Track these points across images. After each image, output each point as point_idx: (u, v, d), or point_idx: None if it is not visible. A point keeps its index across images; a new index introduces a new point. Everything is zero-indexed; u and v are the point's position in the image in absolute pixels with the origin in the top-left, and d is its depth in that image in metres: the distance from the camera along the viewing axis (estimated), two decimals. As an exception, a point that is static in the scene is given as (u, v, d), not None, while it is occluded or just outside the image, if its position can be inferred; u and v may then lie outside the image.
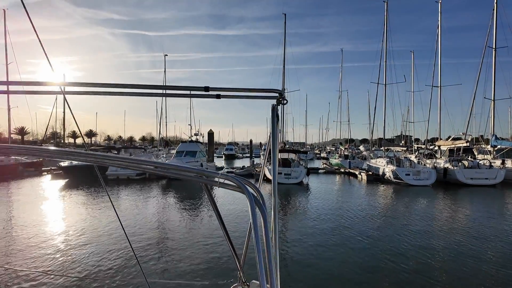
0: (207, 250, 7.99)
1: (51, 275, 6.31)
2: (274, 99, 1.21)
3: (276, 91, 1.22)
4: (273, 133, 1.13)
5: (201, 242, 8.61)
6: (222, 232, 1.47)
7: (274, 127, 1.15)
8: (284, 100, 1.24)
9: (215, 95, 1.21)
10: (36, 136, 62.74)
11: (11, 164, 26.21)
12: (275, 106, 1.18)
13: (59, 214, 12.43)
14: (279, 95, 1.23)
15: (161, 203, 14.90)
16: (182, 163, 21.44)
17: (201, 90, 1.15)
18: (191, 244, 8.50)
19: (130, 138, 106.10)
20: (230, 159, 54.46)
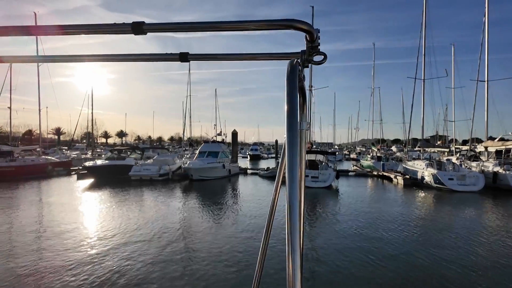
0: (229, 253, 7.64)
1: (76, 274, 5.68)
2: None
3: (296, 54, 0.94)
4: (292, 120, 0.70)
5: (224, 245, 8.13)
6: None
7: (294, 103, 0.72)
8: (311, 62, 0.92)
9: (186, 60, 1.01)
10: (72, 136, 65.44)
11: (41, 164, 26.93)
12: (296, 67, 0.79)
13: (85, 213, 12.36)
14: (304, 54, 0.91)
15: (184, 204, 14.43)
16: (204, 164, 21.01)
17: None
18: (214, 246, 8.07)
19: (159, 138, 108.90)
20: (255, 160, 53.56)
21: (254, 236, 9.30)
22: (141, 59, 1.00)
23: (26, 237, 9.16)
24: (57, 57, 0.99)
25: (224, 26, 0.87)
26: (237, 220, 11.35)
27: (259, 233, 9.45)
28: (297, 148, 0.66)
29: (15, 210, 13.04)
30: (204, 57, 1.06)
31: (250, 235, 9.39)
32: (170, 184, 21.38)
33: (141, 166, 24.52)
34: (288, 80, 0.78)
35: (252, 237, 9.16)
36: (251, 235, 9.42)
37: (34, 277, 6.32)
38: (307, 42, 0.88)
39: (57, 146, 50.49)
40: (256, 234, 9.43)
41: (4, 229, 10.11)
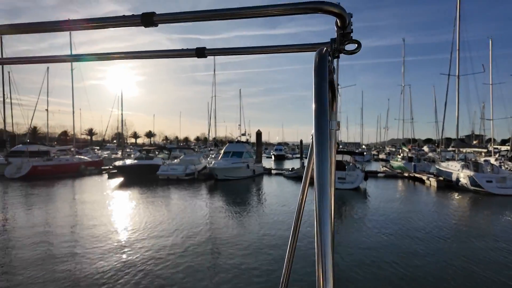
0: (255, 254, 7.58)
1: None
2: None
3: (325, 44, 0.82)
4: (322, 118, 0.63)
5: (248, 246, 8.06)
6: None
7: (324, 99, 0.64)
8: (342, 51, 0.81)
9: (203, 55, 0.96)
10: (103, 136, 68.45)
11: (75, 163, 28.33)
12: (325, 57, 0.70)
13: (114, 211, 12.79)
14: (334, 43, 0.80)
15: (209, 203, 14.54)
16: (229, 164, 21.09)
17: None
18: (239, 246, 8.02)
19: (185, 138, 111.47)
20: (280, 160, 53.22)
21: (278, 237, 9.15)
22: (156, 55, 0.96)
23: (62, 231, 9.64)
24: (82, 55, 0.98)
25: (243, 12, 0.79)
26: (262, 221, 11.23)
27: (284, 235, 9.28)
28: (326, 150, 0.58)
29: (52, 207, 13.74)
30: (223, 51, 0.99)
31: (275, 236, 9.25)
32: (196, 184, 21.69)
33: (168, 166, 25.08)
34: (317, 72, 0.68)
35: (277, 239, 9.02)
36: (276, 236, 9.29)
37: (69, 267, 6.65)
38: (337, 29, 0.76)
39: (90, 146, 53.08)
40: (280, 235, 9.28)
41: (42, 224, 10.67)
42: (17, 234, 9.52)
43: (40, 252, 7.85)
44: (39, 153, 27.04)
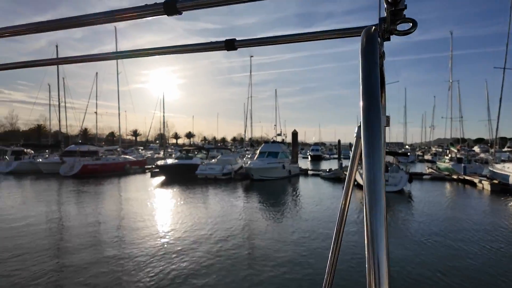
0: (291, 256, 7.42)
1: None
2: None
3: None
4: (372, 111, 0.53)
5: (285, 247, 7.92)
6: None
7: (374, 87, 0.54)
8: (394, 32, 0.67)
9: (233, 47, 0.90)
10: (146, 137, 72.14)
11: (120, 162, 30.19)
12: (375, 37, 0.60)
13: (156, 208, 13.44)
14: (384, 22, 0.67)
15: (246, 203, 14.64)
16: (264, 164, 21.08)
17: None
18: (276, 247, 7.90)
19: (222, 138, 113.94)
20: (316, 161, 52.27)
21: (315, 239, 8.96)
22: (185, 50, 0.93)
23: (108, 224, 10.33)
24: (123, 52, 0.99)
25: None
26: (298, 222, 11.07)
27: (320, 237, 9.06)
28: (380, 149, 0.50)
29: (100, 202, 14.75)
30: (254, 42, 0.91)
31: (311, 238, 9.06)
32: (232, 183, 22.03)
33: (206, 165, 25.77)
34: (365, 56, 0.57)
35: (314, 241, 8.82)
36: (312, 238, 9.09)
37: (114, 253, 7.17)
38: (387, 5, 0.65)
39: (134, 147, 56.29)
40: (316, 238, 9.08)
41: (92, 219, 11.48)
42: (71, 224, 10.37)
43: (90, 240, 8.61)
44: (89, 153, 29.21)
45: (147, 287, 5.94)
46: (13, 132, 69.53)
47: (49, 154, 32.72)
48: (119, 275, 6.52)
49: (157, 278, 6.32)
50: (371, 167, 0.49)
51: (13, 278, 6.23)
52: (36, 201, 15.28)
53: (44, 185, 20.84)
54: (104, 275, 6.47)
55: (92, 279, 6.29)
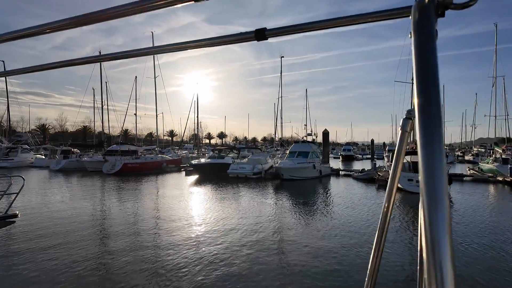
0: (321, 258, 7.28)
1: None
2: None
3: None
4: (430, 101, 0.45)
5: (316, 249, 7.87)
6: None
7: (433, 71, 0.47)
8: (449, 6, 0.53)
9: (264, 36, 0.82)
10: (181, 137, 74.91)
11: (158, 161, 31.84)
12: (429, 9, 0.51)
13: (191, 204, 14.21)
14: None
15: (276, 202, 14.89)
16: (294, 164, 21.07)
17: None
18: (307, 248, 7.88)
19: (253, 138, 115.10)
20: (348, 161, 51.12)
21: (346, 242, 8.85)
22: (216, 43, 0.91)
23: (147, 218, 11.17)
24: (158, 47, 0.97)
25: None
26: (330, 223, 11.08)
27: (351, 241, 8.90)
28: (439, 138, 0.44)
29: (139, 199, 15.81)
30: (286, 30, 0.83)
31: (341, 241, 8.99)
32: (262, 182, 22.41)
33: (238, 164, 26.44)
34: (418, 34, 0.51)
35: (344, 244, 8.74)
36: (343, 241, 8.97)
37: (150, 245, 7.87)
38: None
39: (170, 146, 58.87)
40: (347, 242, 8.93)
41: (131, 212, 12.46)
42: (113, 216, 11.37)
43: (130, 229, 9.45)
44: (129, 152, 31.18)
45: (178, 271, 6.48)
46: (62, 133, 75.69)
47: (93, 153, 35.32)
48: (154, 258, 7.16)
49: (187, 263, 6.84)
50: (429, 160, 0.42)
51: (63, 259, 7.07)
52: (82, 196, 16.74)
53: (89, 182, 22.65)
54: (142, 258, 7.14)
55: (131, 261, 6.96)
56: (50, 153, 37.85)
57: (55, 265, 6.87)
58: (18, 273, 6.43)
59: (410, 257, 7.61)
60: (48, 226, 10.14)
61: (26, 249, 7.82)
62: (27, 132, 54.84)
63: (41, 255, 7.46)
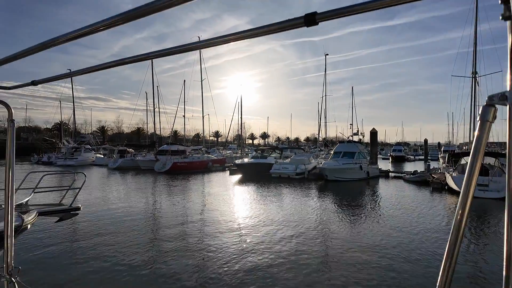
0: (377, 269, 6.80)
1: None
2: None
3: None
4: None
5: (363, 255, 7.48)
6: None
7: None
8: None
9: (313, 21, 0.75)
10: (226, 138, 76.96)
11: (204, 161, 33.09)
12: None
13: (235, 202, 14.51)
14: None
15: (320, 203, 14.54)
16: (339, 164, 20.30)
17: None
18: (353, 254, 7.54)
19: (296, 139, 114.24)
20: (399, 162, 48.16)
21: (404, 252, 8.08)
22: (262, 32, 0.87)
23: (194, 213, 11.67)
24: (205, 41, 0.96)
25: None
26: (376, 226, 10.52)
27: (407, 248, 8.25)
28: None
29: (188, 195, 16.56)
30: (339, 13, 0.75)
31: (392, 249, 8.39)
32: (305, 183, 22.07)
33: (280, 165, 26.38)
34: None
35: (403, 254, 7.96)
36: (394, 248, 8.38)
37: (197, 235, 8.37)
38: None
39: (216, 147, 60.82)
40: (405, 249, 8.24)
41: (180, 206, 13.13)
42: (164, 210, 12.06)
43: (178, 221, 10.01)
44: (178, 152, 32.84)
45: (220, 257, 6.64)
46: (119, 134, 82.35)
47: (146, 153, 37.80)
48: (199, 245, 7.44)
49: (228, 252, 6.98)
50: None
51: (122, 244, 7.66)
52: (136, 192, 18.00)
53: (142, 179, 24.29)
54: (189, 246, 7.48)
55: (179, 248, 7.31)
56: (108, 153, 41.39)
57: (111, 251, 7.50)
58: (80, 258, 7.14)
59: (489, 271, 6.90)
60: (105, 218, 11.12)
61: (88, 238, 8.71)
62: (90, 134, 60.61)
63: (99, 242, 8.21)
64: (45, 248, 7.87)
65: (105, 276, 6.26)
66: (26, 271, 6.31)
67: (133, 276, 6.30)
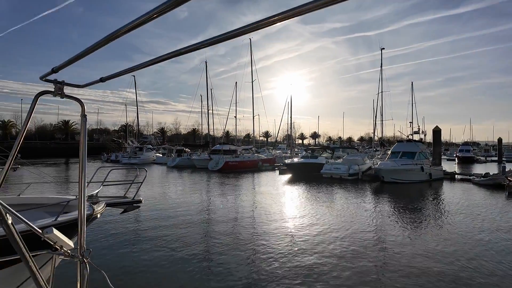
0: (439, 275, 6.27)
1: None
2: None
3: None
4: None
5: (426, 266, 6.91)
6: None
7: None
8: None
9: None
10: (275, 138, 77.21)
11: (254, 160, 33.65)
12: None
13: (285, 202, 14.53)
14: None
15: (375, 206, 13.79)
16: (397, 165, 18.88)
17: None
18: (414, 264, 6.98)
19: (348, 138, 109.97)
20: (466, 163, 43.44)
21: (471, 262, 7.25)
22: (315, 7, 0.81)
23: (245, 211, 11.96)
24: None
25: None
26: (443, 235, 9.39)
27: (475, 260, 7.39)
28: None
29: (239, 193, 16.98)
30: None
31: (465, 259, 7.48)
32: (359, 184, 21.11)
33: (332, 165, 25.60)
34: None
35: (470, 262, 7.20)
36: (466, 258, 7.49)
37: (247, 229, 8.53)
38: None
39: (265, 146, 61.42)
40: (473, 260, 7.39)
41: (232, 203, 13.58)
42: (216, 208, 12.56)
43: (231, 216, 10.34)
44: (230, 151, 33.89)
45: (270, 256, 6.67)
46: (176, 135, 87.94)
47: (201, 153, 39.68)
48: (250, 243, 7.58)
49: (279, 257, 6.99)
50: None
51: (179, 236, 8.17)
52: (192, 188, 19.03)
53: (197, 177, 25.57)
54: (240, 242, 7.68)
55: (230, 243, 7.54)
56: (167, 152, 44.42)
57: (168, 241, 8.06)
58: (141, 246, 7.81)
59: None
60: (164, 211, 11.99)
61: (148, 228, 9.52)
62: (151, 135, 65.63)
63: (158, 234, 8.89)
64: (112, 235, 8.77)
65: (163, 266, 6.74)
66: (95, 254, 7.10)
67: (187, 265, 6.68)
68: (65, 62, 1.32)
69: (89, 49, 1.17)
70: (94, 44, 1.14)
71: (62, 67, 1.35)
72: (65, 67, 1.34)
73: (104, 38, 1.09)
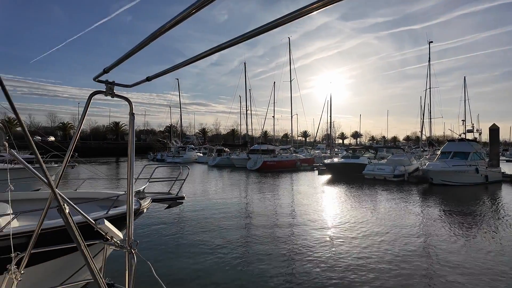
0: None
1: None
2: None
3: None
4: None
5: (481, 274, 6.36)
6: None
7: None
8: None
9: None
10: (314, 137, 75.84)
11: (292, 160, 33.42)
12: None
13: (325, 204, 14.20)
14: None
15: (422, 210, 12.88)
16: (448, 166, 17.32)
17: None
18: (468, 273, 6.46)
19: (393, 138, 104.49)
20: (532, 165, 38.96)
21: None
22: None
23: (283, 211, 11.88)
24: None
25: None
26: (498, 247, 8.48)
27: None
28: None
29: (277, 193, 16.97)
30: None
31: None
32: (405, 186, 19.93)
33: (375, 165, 24.50)
34: None
35: None
36: None
37: (285, 229, 8.54)
38: None
39: (304, 146, 60.60)
40: None
41: (270, 202, 13.61)
42: (255, 207, 12.68)
43: (269, 215, 10.40)
44: (268, 151, 34.00)
45: (310, 258, 6.56)
46: (216, 135, 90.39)
47: (240, 152, 40.33)
48: (289, 244, 7.53)
49: (317, 262, 6.84)
50: None
51: (218, 232, 8.37)
52: (231, 187, 19.41)
53: (236, 176, 26.02)
54: (279, 243, 7.65)
55: (269, 243, 7.55)
56: (208, 152, 45.94)
57: (209, 237, 8.31)
58: (183, 241, 8.15)
59: None
60: (205, 208, 12.41)
61: (189, 224, 9.90)
62: (193, 135, 68.13)
63: (199, 230, 9.21)
64: (156, 230, 9.26)
65: (202, 262, 6.96)
66: (141, 246, 7.54)
67: (225, 262, 6.82)
68: (115, 62, 1.42)
69: (136, 47, 1.24)
70: (140, 42, 1.21)
71: (113, 67, 1.45)
72: (115, 66, 1.44)
73: (149, 36, 1.15)
